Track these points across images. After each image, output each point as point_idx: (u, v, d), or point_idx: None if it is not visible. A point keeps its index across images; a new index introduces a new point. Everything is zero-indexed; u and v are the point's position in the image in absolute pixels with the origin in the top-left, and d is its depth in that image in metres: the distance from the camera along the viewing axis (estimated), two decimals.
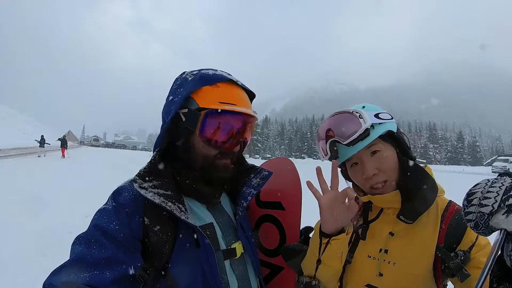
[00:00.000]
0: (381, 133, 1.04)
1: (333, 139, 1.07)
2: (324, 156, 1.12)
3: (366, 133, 1.02)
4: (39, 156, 22.50)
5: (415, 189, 1.01)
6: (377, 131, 1.04)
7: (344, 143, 1.04)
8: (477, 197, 0.67)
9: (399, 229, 1.05)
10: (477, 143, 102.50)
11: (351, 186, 1.21)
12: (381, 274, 1.03)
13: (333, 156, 1.08)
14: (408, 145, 1.09)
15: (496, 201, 0.64)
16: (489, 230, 0.65)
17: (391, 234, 1.05)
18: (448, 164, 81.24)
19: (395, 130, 1.08)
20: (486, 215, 0.64)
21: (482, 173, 31.72)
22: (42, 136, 25.42)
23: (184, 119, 0.95)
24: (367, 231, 1.12)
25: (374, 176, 1.05)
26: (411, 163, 1.05)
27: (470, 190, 0.70)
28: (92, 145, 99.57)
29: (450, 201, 1.07)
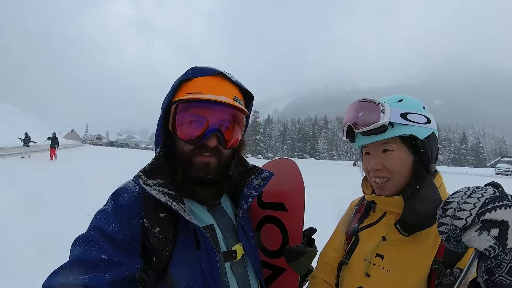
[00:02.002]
0: (400, 134, 0.99)
1: (349, 124, 1.06)
2: (343, 137, 1.12)
3: (382, 129, 0.98)
4: (22, 157, 19.25)
5: (418, 207, 0.95)
6: (395, 131, 0.99)
7: (356, 131, 1.03)
8: (452, 208, 0.63)
9: (394, 237, 1.01)
10: (481, 144, 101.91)
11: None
12: (368, 275, 1.02)
13: (350, 140, 1.08)
14: (430, 156, 1.01)
15: (471, 214, 0.59)
16: (461, 246, 0.61)
17: (383, 238, 1.03)
18: (451, 165, 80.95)
19: (420, 137, 1.00)
20: (458, 229, 0.60)
21: (485, 175, 31.55)
22: (26, 134, 21.16)
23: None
24: (364, 231, 1.11)
25: (377, 171, 1.03)
26: (424, 176, 0.98)
27: (447, 198, 0.66)
28: (95, 144, 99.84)
29: None
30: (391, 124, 0.98)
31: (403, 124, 0.99)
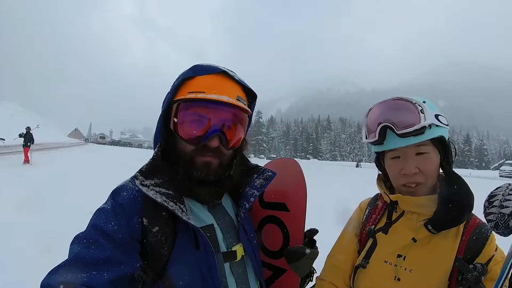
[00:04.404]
0: (435, 136, 0.99)
1: (387, 124, 1.01)
2: (368, 139, 1.08)
3: (422, 130, 0.97)
4: None
5: (458, 202, 0.96)
6: (432, 133, 0.99)
7: (398, 132, 0.99)
8: (498, 199, 0.71)
9: (421, 237, 1.01)
10: (485, 147, 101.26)
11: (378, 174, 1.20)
12: (398, 279, 1.00)
13: (379, 141, 1.04)
14: (453, 157, 1.05)
15: None
16: (508, 231, 0.69)
17: (414, 240, 1.02)
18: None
19: (447, 138, 1.03)
20: (506, 215, 0.68)
21: (489, 177, 31.29)
22: None
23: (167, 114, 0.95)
24: (382, 233, 1.10)
25: (413, 175, 1.01)
26: (457, 175, 1.01)
27: (491, 192, 0.75)
28: (98, 143, 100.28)
29: (472, 213, 1.03)
30: (429, 126, 0.98)
31: (436, 126, 1.00)
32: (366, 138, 1.09)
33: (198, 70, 0.93)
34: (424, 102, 1.02)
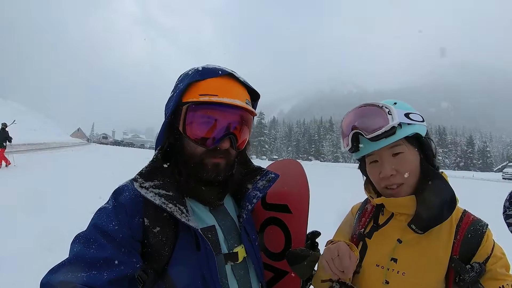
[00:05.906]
0: (408, 134, 0.99)
1: (357, 131, 1.03)
2: (345, 147, 1.09)
3: (392, 131, 0.97)
4: None
5: (433, 199, 0.95)
6: (404, 131, 0.99)
7: (367, 136, 1.00)
8: None
9: (409, 238, 1.00)
10: (488, 148, 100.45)
11: (365, 180, 1.19)
12: (387, 282, 0.99)
13: (354, 149, 1.06)
14: (434, 152, 1.04)
15: None
16: None
17: (399, 241, 1.01)
18: (458, 170, 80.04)
19: (423, 134, 1.02)
20: None
21: (492, 179, 31.14)
22: None
23: (173, 116, 0.94)
24: (375, 232, 1.08)
25: (391, 177, 1.00)
26: (434, 171, 1.00)
27: None
28: (101, 143, 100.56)
29: (465, 210, 1.02)
30: (399, 125, 0.98)
31: (408, 124, 0.99)
32: (344, 148, 1.11)
33: (205, 73, 0.93)
34: (395, 103, 1.03)
